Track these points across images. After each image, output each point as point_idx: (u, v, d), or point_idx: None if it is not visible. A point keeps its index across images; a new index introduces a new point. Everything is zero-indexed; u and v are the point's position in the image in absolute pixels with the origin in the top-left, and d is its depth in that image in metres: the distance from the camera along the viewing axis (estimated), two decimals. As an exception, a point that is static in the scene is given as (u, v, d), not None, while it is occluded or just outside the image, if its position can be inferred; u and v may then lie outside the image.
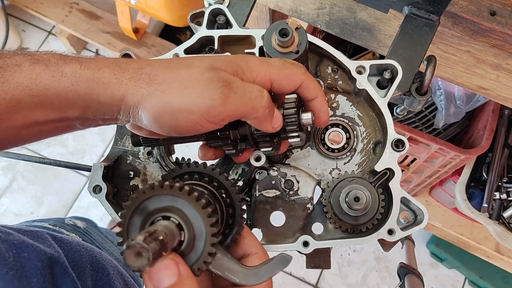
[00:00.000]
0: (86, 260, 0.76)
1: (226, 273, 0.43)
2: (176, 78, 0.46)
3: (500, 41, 0.81)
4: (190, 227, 0.38)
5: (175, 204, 0.38)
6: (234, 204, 0.49)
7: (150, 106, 0.46)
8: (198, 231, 0.38)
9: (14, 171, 2.32)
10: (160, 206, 0.38)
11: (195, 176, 0.49)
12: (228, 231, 0.48)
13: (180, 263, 0.38)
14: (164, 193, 0.38)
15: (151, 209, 0.39)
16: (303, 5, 0.99)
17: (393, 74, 0.66)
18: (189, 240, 0.38)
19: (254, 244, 0.50)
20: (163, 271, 0.37)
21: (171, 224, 0.38)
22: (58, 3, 2.31)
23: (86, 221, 1.07)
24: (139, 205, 0.39)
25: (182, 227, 0.38)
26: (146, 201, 0.39)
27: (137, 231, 0.39)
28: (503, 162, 1.53)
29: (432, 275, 2.19)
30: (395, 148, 0.65)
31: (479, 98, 1.52)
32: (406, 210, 0.65)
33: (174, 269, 0.37)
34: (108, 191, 0.66)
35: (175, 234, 0.38)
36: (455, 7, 0.79)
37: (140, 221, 0.39)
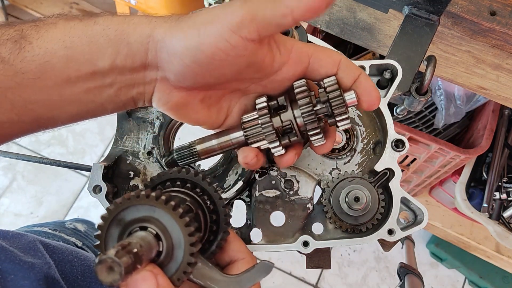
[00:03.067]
0: (78, 271, 0.76)
1: (208, 282, 0.42)
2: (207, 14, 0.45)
3: (500, 41, 0.82)
4: (168, 237, 0.38)
5: (153, 214, 0.37)
6: (218, 210, 0.48)
7: (175, 32, 0.45)
8: (176, 241, 0.37)
9: (14, 171, 2.32)
10: (137, 216, 0.38)
11: (177, 182, 0.48)
12: (212, 238, 0.47)
13: (158, 274, 0.37)
14: (141, 203, 0.38)
15: (128, 220, 0.38)
16: (303, 5, 0.99)
17: (393, 74, 0.66)
18: (167, 250, 0.38)
19: (241, 250, 0.49)
20: (141, 283, 0.36)
21: (149, 235, 0.37)
22: (58, 3, 2.31)
23: (87, 224, 1.06)
24: (116, 216, 0.38)
25: (160, 238, 0.38)
26: (123, 212, 0.38)
27: (115, 243, 0.38)
28: (503, 162, 1.53)
29: (432, 275, 2.19)
30: (395, 148, 0.65)
31: (479, 98, 1.52)
32: (406, 210, 0.65)
33: (152, 281, 0.36)
34: (108, 191, 0.66)
35: (153, 245, 0.37)
36: (455, 7, 0.79)
37: (117, 232, 0.38)
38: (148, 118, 0.72)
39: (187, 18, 0.46)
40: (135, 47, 0.46)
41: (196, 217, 0.45)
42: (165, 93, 0.49)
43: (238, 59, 0.45)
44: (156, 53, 0.46)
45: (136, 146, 0.72)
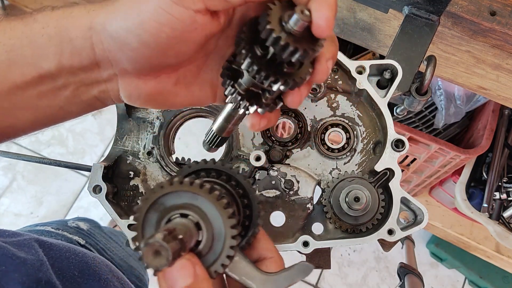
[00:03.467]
0: (75, 267, 0.75)
1: (243, 277, 0.41)
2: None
3: (500, 41, 0.82)
4: (209, 227, 0.36)
5: (195, 202, 0.36)
6: (252, 205, 0.45)
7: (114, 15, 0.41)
8: (217, 232, 0.36)
9: (14, 171, 2.32)
10: (179, 203, 0.36)
11: (212, 173, 0.46)
12: (243, 233, 0.46)
13: (197, 264, 0.36)
14: (183, 190, 0.36)
15: (168, 206, 0.37)
16: (303, 5, 0.99)
17: (393, 74, 0.66)
18: (207, 241, 0.37)
19: (270, 248, 0.47)
20: (178, 271, 0.35)
21: (189, 223, 0.36)
22: (58, 3, 2.31)
23: (90, 222, 1.06)
24: (156, 200, 0.37)
25: (200, 227, 0.36)
26: (163, 197, 0.37)
27: (152, 228, 0.37)
28: (503, 162, 1.53)
29: (432, 275, 2.19)
30: (395, 148, 0.65)
31: (479, 98, 1.52)
32: (406, 210, 0.65)
33: (190, 270, 0.35)
34: (108, 191, 0.67)
35: (193, 234, 0.36)
36: (455, 7, 0.79)
37: (156, 217, 0.37)
38: (148, 118, 0.72)
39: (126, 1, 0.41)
40: (78, 44, 0.43)
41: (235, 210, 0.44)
42: (132, 87, 0.45)
43: (190, 35, 0.41)
44: (103, 46, 0.42)
45: (136, 146, 0.72)
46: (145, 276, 1.08)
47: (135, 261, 1.07)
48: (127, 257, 1.04)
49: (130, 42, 0.41)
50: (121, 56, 0.43)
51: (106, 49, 0.43)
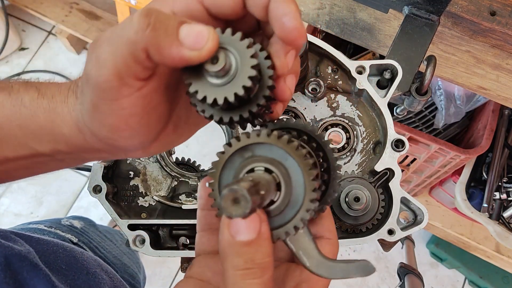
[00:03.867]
0: (62, 261, 0.75)
1: (300, 252, 0.39)
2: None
3: (500, 41, 0.82)
4: (288, 191, 0.34)
5: (284, 161, 0.34)
6: (329, 177, 0.40)
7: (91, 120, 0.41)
8: (294, 199, 0.34)
9: (14, 171, 2.31)
10: (269, 156, 0.34)
11: (293, 133, 0.41)
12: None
13: (264, 222, 0.35)
14: (278, 145, 0.34)
15: (257, 155, 0.35)
16: (303, 5, 0.99)
17: (393, 74, 0.66)
18: (281, 204, 0.35)
19: (331, 229, 0.44)
20: (246, 223, 0.34)
21: (271, 180, 0.34)
22: (58, 3, 2.31)
23: (85, 221, 1.06)
24: (248, 146, 0.35)
25: (280, 188, 0.34)
26: (256, 145, 0.35)
27: (233, 171, 0.36)
28: (503, 162, 1.53)
29: (432, 275, 2.19)
30: (395, 148, 0.65)
31: (479, 98, 1.52)
32: (406, 210, 0.65)
33: (256, 225, 0.34)
34: (108, 191, 0.67)
35: (272, 193, 0.34)
36: (455, 7, 0.79)
37: (239, 162, 0.35)
38: (148, 118, 0.72)
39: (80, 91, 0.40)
40: (73, 136, 0.43)
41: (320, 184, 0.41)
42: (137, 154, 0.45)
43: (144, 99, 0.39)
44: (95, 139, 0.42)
45: (136, 146, 0.72)
46: (139, 275, 1.08)
47: (129, 259, 1.07)
48: (121, 255, 1.04)
49: (115, 138, 0.41)
50: (115, 147, 0.42)
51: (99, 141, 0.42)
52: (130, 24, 0.35)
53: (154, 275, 2.04)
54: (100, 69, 0.36)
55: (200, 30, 0.35)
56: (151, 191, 0.71)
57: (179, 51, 0.34)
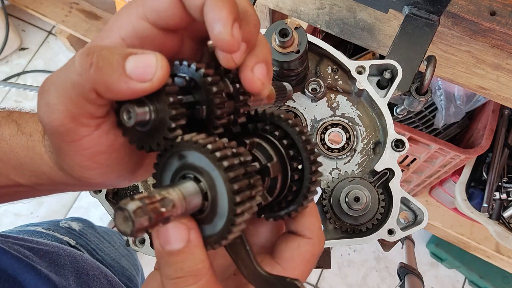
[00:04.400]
0: (65, 260, 0.76)
1: (239, 262, 0.39)
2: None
3: (500, 41, 0.82)
4: (215, 203, 0.34)
5: (211, 172, 0.33)
6: (303, 178, 0.39)
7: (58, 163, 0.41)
8: (220, 211, 0.34)
9: (14, 171, 2.31)
10: (198, 164, 0.34)
11: (266, 127, 0.40)
12: (284, 205, 0.41)
13: (192, 230, 0.34)
14: (207, 156, 0.33)
15: (189, 162, 0.35)
16: (303, 5, 0.99)
17: (393, 74, 0.66)
18: (209, 214, 0.35)
19: (312, 229, 0.42)
20: (172, 234, 0.34)
21: (197, 191, 0.34)
22: (58, 3, 2.31)
23: (83, 222, 1.06)
24: (183, 152, 0.35)
25: (207, 198, 0.34)
26: (190, 151, 0.34)
27: (170, 174, 0.36)
28: (503, 162, 1.53)
29: (432, 275, 2.19)
30: (395, 148, 0.65)
31: (479, 98, 1.52)
32: (406, 210, 0.65)
33: (184, 234, 0.34)
34: (108, 191, 0.67)
35: (195, 203, 0.34)
36: (455, 7, 0.79)
37: (176, 166, 0.35)
38: (148, 118, 0.72)
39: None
40: (53, 174, 0.42)
41: (272, 181, 0.39)
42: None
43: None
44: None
45: (136, 146, 0.72)
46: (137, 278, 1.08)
47: (127, 261, 1.07)
48: (119, 257, 1.03)
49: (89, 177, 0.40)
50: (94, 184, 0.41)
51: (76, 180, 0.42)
52: (72, 66, 0.33)
53: (154, 275, 2.04)
54: (51, 115, 0.35)
55: (148, 60, 0.33)
56: (118, 204, 0.71)
57: (128, 86, 0.33)
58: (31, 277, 0.65)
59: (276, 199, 0.41)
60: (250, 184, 0.35)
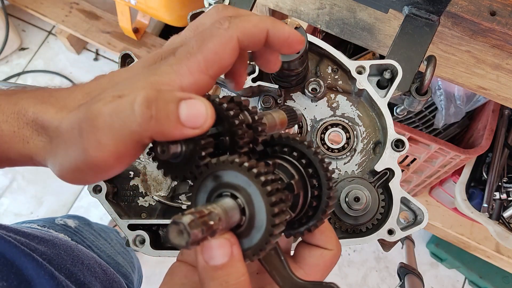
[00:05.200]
0: (60, 248, 0.77)
1: (274, 272, 0.41)
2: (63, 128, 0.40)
3: (500, 41, 0.82)
4: (252, 217, 0.37)
5: (248, 187, 0.36)
6: (321, 194, 0.43)
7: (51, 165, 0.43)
8: (258, 224, 0.36)
9: (14, 171, 2.32)
10: (234, 182, 0.37)
11: (284, 149, 0.44)
12: (305, 221, 0.44)
13: (234, 245, 0.37)
14: (241, 173, 0.36)
15: (224, 181, 0.38)
16: (303, 5, 0.99)
17: (393, 74, 0.66)
18: (247, 228, 0.37)
19: (330, 241, 0.46)
20: (217, 249, 0.36)
21: (236, 207, 0.36)
22: (58, 3, 2.31)
23: (79, 220, 1.06)
24: (217, 172, 0.38)
25: (245, 212, 0.37)
26: (224, 171, 0.37)
27: (206, 194, 0.39)
28: (503, 162, 1.53)
29: (432, 275, 2.19)
30: (395, 148, 0.65)
31: (479, 98, 1.52)
32: (406, 210, 0.65)
33: (227, 249, 0.36)
34: (108, 191, 0.67)
35: (236, 218, 0.36)
36: (455, 7, 0.79)
37: (211, 186, 0.38)
38: (148, 118, 0.72)
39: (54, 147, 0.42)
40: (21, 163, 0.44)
41: (295, 198, 0.42)
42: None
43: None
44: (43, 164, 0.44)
45: (136, 146, 0.72)
46: (133, 275, 1.08)
47: (123, 259, 1.07)
48: (115, 254, 1.04)
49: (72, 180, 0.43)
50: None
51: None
52: (132, 115, 0.36)
53: (154, 275, 2.04)
54: (100, 152, 0.37)
55: (199, 109, 0.37)
56: (151, 191, 0.72)
57: (182, 132, 0.37)
58: (28, 262, 0.65)
59: (298, 215, 0.44)
60: (282, 198, 0.37)
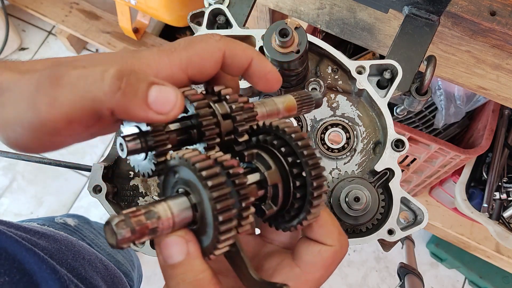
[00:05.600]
0: (61, 243, 0.77)
1: (236, 270, 0.40)
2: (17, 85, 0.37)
3: (500, 41, 0.82)
4: (203, 215, 0.36)
5: (197, 184, 0.35)
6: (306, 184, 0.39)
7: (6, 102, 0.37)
8: (208, 222, 0.35)
9: (14, 171, 2.32)
10: (186, 178, 0.36)
11: (267, 138, 0.42)
12: (294, 214, 0.41)
13: (190, 242, 0.36)
14: (195, 174, 0.35)
15: (180, 177, 0.37)
16: (303, 5, 0.99)
17: (393, 74, 0.66)
18: (201, 225, 0.36)
19: (332, 237, 0.42)
20: (171, 246, 0.36)
21: (186, 203, 0.36)
22: (58, 3, 2.31)
23: (79, 218, 1.06)
24: (175, 166, 0.37)
25: (197, 209, 0.36)
26: (181, 167, 0.37)
27: (169, 191, 0.39)
28: (503, 162, 1.53)
29: (432, 275, 2.19)
30: (395, 148, 0.65)
31: (479, 98, 1.52)
32: (406, 210, 0.65)
33: (182, 247, 0.36)
34: (108, 191, 0.67)
35: (186, 215, 0.36)
36: (455, 7, 0.79)
37: (173, 181, 0.38)
38: (148, 118, 0.72)
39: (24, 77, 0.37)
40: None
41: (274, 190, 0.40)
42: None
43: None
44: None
45: (136, 146, 0.72)
46: (133, 273, 1.08)
47: (123, 257, 1.07)
48: (115, 252, 1.04)
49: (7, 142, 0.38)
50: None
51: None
52: (100, 81, 0.34)
53: (154, 275, 2.04)
54: (53, 109, 0.35)
55: (169, 95, 0.36)
56: (151, 191, 0.71)
57: (146, 114, 0.36)
58: (30, 256, 0.65)
59: (284, 208, 0.41)
60: (241, 197, 0.36)
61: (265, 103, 0.46)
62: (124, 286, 0.90)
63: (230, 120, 0.41)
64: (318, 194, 0.39)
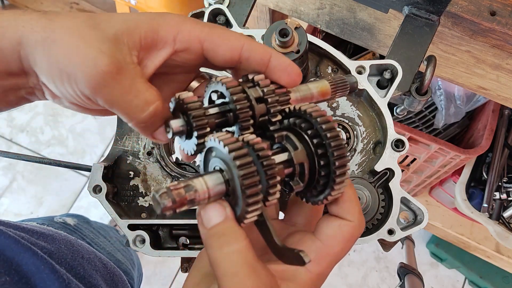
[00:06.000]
0: (60, 242, 0.77)
1: (264, 236, 0.45)
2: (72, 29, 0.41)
3: (500, 41, 0.82)
4: (234, 189, 0.41)
5: (230, 162, 0.40)
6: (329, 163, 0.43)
7: (40, 56, 0.41)
8: (238, 194, 0.40)
9: (14, 171, 2.32)
10: (222, 158, 0.41)
11: (297, 120, 0.45)
12: (320, 190, 0.45)
13: (227, 207, 0.41)
14: (224, 151, 0.40)
15: (217, 155, 0.42)
16: (303, 5, 0.99)
17: (393, 74, 0.66)
18: (233, 198, 0.42)
19: (352, 212, 0.45)
20: (212, 210, 0.41)
21: (220, 179, 0.41)
22: (58, 3, 2.31)
23: (78, 218, 1.06)
24: (213, 146, 0.42)
25: (230, 184, 0.41)
26: (215, 148, 0.42)
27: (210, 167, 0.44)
28: (503, 162, 1.53)
29: (432, 275, 2.19)
30: (395, 148, 0.65)
31: (479, 98, 1.52)
32: (406, 210, 0.65)
33: (222, 210, 0.41)
34: (108, 191, 0.67)
35: (219, 189, 0.41)
36: (455, 7, 0.79)
37: (211, 159, 0.43)
38: (148, 118, 0.72)
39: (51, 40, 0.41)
40: (7, 53, 0.42)
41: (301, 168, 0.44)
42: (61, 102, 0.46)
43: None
44: (29, 63, 0.42)
45: (136, 146, 0.72)
46: (133, 272, 1.08)
47: (123, 256, 1.07)
48: (115, 251, 1.04)
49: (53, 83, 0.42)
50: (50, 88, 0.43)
51: (31, 63, 0.42)
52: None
53: (154, 275, 2.04)
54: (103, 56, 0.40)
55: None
56: (151, 191, 0.72)
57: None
58: (28, 257, 0.65)
59: (311, 184, 0.45)
60: (268, 176, 0.40)
61: (299, 88, 0.49)
62: (124, 285, 0.90)
63: (263, 104, 0.45)
64: (340, 172, 0.43)
